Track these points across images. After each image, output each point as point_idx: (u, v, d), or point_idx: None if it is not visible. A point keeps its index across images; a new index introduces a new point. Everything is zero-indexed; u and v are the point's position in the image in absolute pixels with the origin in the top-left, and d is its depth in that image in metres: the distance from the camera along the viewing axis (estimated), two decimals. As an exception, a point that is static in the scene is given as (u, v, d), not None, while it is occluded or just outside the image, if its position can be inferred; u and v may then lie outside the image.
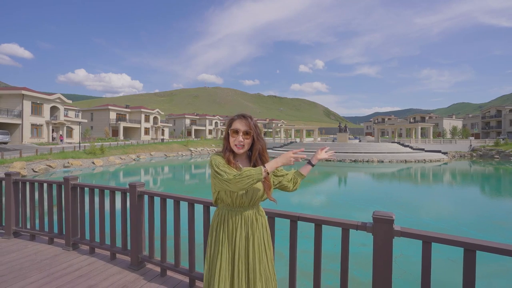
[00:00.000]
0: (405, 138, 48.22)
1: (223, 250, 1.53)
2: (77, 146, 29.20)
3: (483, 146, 41.33)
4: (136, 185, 2.88)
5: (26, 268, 2.91)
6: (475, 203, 12.61)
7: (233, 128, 1.52)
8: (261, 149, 1.57)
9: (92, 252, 3.30)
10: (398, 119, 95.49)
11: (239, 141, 1.51)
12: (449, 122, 72.41)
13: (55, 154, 22.75)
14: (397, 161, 30.55)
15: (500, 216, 10.32)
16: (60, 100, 37.72)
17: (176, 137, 64.88)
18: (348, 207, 10.89)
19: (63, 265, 2.98)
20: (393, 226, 1.67)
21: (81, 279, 2.68)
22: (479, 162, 32.15)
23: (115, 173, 20.55)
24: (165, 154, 35.87)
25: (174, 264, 2.68)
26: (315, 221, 1.94)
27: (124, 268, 2.92)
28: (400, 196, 13.87)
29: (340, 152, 34.98)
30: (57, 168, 20.20)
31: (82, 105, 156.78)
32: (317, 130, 54.30)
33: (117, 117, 51.96)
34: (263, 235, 1.59)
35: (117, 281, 2.65)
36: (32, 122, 33.25)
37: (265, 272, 1.55)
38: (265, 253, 1.58)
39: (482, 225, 8.81)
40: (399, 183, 19.02)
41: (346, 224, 1.83)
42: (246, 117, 1.54)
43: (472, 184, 18.74)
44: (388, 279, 1.69)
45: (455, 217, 9.86)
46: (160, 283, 2.62)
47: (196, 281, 2.58)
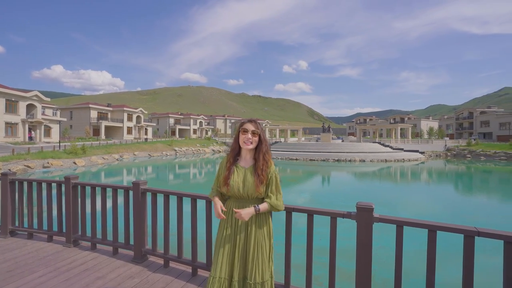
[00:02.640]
0: (385, 138, 50.20)
1: (226, 235, 1.81)
2: (57, 146, 28.14)
3: (456, 146, 43.80)
4: (139, 183, 3.08)
5: (31, 264, 3.03)
6: (449, 200, 13.55)
7: (244, 128, 1.82)
8: (266, 149, 1.84)
9: (94, 248, 3.45)
10: (379, 119, 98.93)
11: (247, 138, 1.79)
12: (426, 123, 76.03)
13: (34, 154, 21.86)
14: (378, 160, 31.82)
15: (470, 211, 11.22)
16: (38, 97, 36.11)
17: (160, 136, 63.79)
18: (331, 205, 11.40)
19: (67, 260, 3.12)
20: (372, 214, 2.00)
21: (88, 272, 2.84)
22: (453, 161, 34.11)
23: (98, 173, 20.09)
24: (149, 154, 35.30)
25: (177, 256, 2.91)
26: (307, 211, 2.25)
27: (127, 261, 3.10)
28: (380, 194, 14.61)
29: (323, 152, 35.92)
30: (36, 168, 19.47)
31: (59, 103, 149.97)
32: (301, 130, 55.32)
33: (98, 116, 50.38)
34: (263, 227, 1.81)
35: (123, 272, 2.84)
36: (6, 120, 31.64)
37: (263, 262, 1.75)
38: (263, 243, 1.79)
39: (455, 220, 9.57)
40: (379, 181, 19.93)
41: (334, 213, 2.15)
42: (255, 121, 1.86)
43: (446, 182, 19.99)
44: (369, 259, 2.02)
45: (430, 213, 10.61)
46: (164, 273, 2.84)
47: (198, 270, 2.82)
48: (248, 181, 1.78)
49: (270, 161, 1.84)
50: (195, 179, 19.90)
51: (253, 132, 1.80)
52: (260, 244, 1.78)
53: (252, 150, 1.85)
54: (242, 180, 1.80)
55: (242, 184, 1.79)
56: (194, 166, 28.12)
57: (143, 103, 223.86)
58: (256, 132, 1.81)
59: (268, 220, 1.87)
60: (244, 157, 1.88)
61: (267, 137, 48.25)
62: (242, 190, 1.79)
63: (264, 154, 1.82)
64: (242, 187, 1.78)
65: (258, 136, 1.82)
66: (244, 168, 1.84)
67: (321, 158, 33.17)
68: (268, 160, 1.83)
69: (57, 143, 31.77)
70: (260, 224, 1.81)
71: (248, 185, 1.78)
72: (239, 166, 1.86)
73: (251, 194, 1.79)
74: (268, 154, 1.84)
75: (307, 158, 33.28)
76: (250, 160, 1.87)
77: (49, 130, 39.23)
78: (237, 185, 1.79)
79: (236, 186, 1.79)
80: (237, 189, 1.79)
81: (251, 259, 1.75)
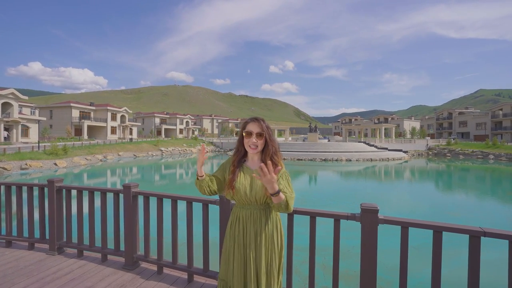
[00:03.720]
0: (370, 138, 51.39)
1: (235, 246, 1.66)
2: (36, 146, 26.85)
3: (437, 145, 45.51)
4: (130, 185, 2.92)
5: (10, 275, 2.79)
6: (431, 197, 14.02)
7: (247, 130, 1.65)
8: (274, 150, 1.67)
9: (81, 255, 3.24)
10: (364, 119, 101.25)
11: (252, 142, 1.62)
12: (409, 123, 78.53)
13: (10, 155, 20.75)
14: (363, 159, 32.51)
15: (451, 207, 11.65)
16: (14, 95, 34.35)
17: (145, 136, 62.34)
18: (321, 204, 11.49)
19: (51, 270, 2.91)
20: (377, 215, 1.96)
21: (75, 282, 2.66)
22: (434, 160, 35.40)
23: (80, 175, 19.33)
24: (134, 154, 34.40)
25: (171, 262, 2.77)
26: (310, 213, 2.19)
27: (118, 268, 2.93)
28: (366, 192, 14.89)
29: (310, 152, 36.29)
30: (13, 170, 18.49)
31: (38, 102, 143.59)
32: (288, 130, 55.70)
33: (80, 115, 48.55)
34: (273, 234, 1.64)
35: (114, 281, 2.68)
36: (-21, 119, 29.88)
37: (272, 277, 1.62)
38: (273, 252, 1.63)
39: (437, 216, 9.87)
40: (365, 180, 20.34)
41: (337, 215, 2.10)
42: (259, 120, 1.67)
43: (428, 180, 20.69)
44: (374, 261, 1.98)
45: (414, 209, 10.92)
46: (158, 280, 2.70)
47: (194, 276, 2.70)
48: (256, 184, 1.62)
49: (280, 162, 1.66)
50: (182, 180, 19.55)
51: (258, 135, 1.63)
52: (270, 256, 1.63)
53: (259, 152, 1.70)
54: (249, 183, 1.65)
55: (249, 187, 1.64)
56: (181, 167, 27.66)
57: (128, 102, 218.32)
58: (262, 134, 1.64)
59: (278, 226, 1.69)
60: (251, 159, 1.73)
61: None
62: (249, 194, 1.63)
63: (272, 156, 1.65)
64: (249, 190, 1.63)
65: (264, 138, 1.65)
66: (252, 170, 1.69)
67: (308, 157, 33.50)
68: (278, 162, 1.65)
69: (36, 143, 30.30)
70: (271, 232, 1.65)
71: (256, 188, 1.62)
72: (245, 167, 1.71)
73: (259, 198, 1.63)
74: (277, 156, 1.67)
75: (295, 158, 33.52)
76: (258, 161, 1.72)
77: (27, 130, 37.39)
78: (244, 188, 1.64)
79: (243, 189, 1.64)
80: (244, 192, 1.63)
81: (262, 274, 1.60)
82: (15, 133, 34.45)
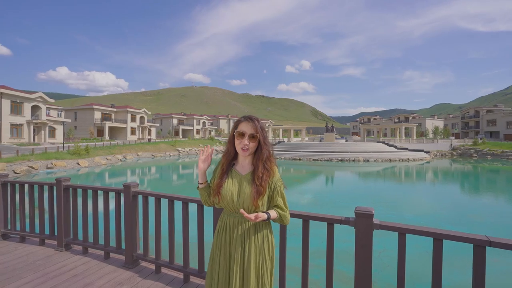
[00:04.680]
0: (389, 138, 49.67)
1: (220, 255, 1.54)
2: (61, 147, 28.33)
3: (462, 145, 43.15)
4: (130, 185, 2.96)
5: (19, 269, 2.93)
6: (454, 200, 13.26)
7: (239, 131, 1.50)
8: (268, 154, 1.53)
9: (86, 252, 3.34)
10: (383, 119, 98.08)
11: (244, 144, 1.48)
12: (431, 122, 75.13)
13: (38, 155, 22.01)
14: (382, 160, 31.46)
15: (476, 211, 10.94)
16: (42, 99, 36.45)
17: (163, 137, 63.98)
18: (334, 205, 11.22)
19: (57, 265, 3.02)
20: (372, 220, 1.85)
21: (76, 278, 2.73)
22: (459, 161, 33.58)
23: (101, 174, 20.13)
24: (152, 154, 35.37)
25: (168, 261, 2.79)
26: (303, 217, 2.10)
27: (118, 266, 2.99)
28: (384, 194, 14.36)
29: (327, 152, 35.64)
30: (40, 169, 19.58)
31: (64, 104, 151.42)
32: (304, 130, 55.06)
33: (102, 117, 50.69)
34: (263, 244, 1.53)
35: (113, 279, 2.73)
36: (11, 121, 31.98)
37: (262, 282, 1.50)
38: (264, 263, 1.52)
39: (460, 220, 9.32)
40: (383, 181, 19.65)
41: (331, 219, 2.00)
42: (253, 120, 1.52)
43: (452, 182, 19.63)
44: (368, 269, 1.87)
45: (435, 213, 10.36)
46: (156, 279, 2.72)
47: (190, 276, 2.70)
48: (244, 192, 1.49)
49: (273, 169, 1.53)
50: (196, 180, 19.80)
51: (251, 137, 1.49)
52: (261, 268, 1.50)
53: (251, 155, 1.56)
54: (237, 190, 1.51)
55: (236, 194, 1.51)
56: (198, 167, 28.07)
57: (147, 103, 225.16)
58: (255, 136, 1.49)
59: (269, 236, 1.56)
60: (242, 162, 1.59)
61: (270, 137, 47.55)
62: (236, 201, 1.50)
63: (264, 161, 1.51)
64: (236, 198, 1.50)
65: (257, 140, 1.51)
66: (241, 175, 1.55)
67: (325, 158, 32.92)
68: (270, 168, 1.52)
69: (61, 144, 31.99)
70: (261, 242, 1.52)
71: (243, 196, 1.49)
72: (234, 172, 1.57)
73: (246, 207, 1.49)
74: (270, 162, 1.53)
75: (311, 158, 33.06)
76: (248, 166, 1.57)
77: (54, 131, 39.57)
78: (231, 195, 1.50)
79: (230, 196, 1.50)
80: (231, 199, 1.50)
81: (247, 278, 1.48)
82: (43, 134, 36.56)
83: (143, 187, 16.24)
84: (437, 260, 1.72)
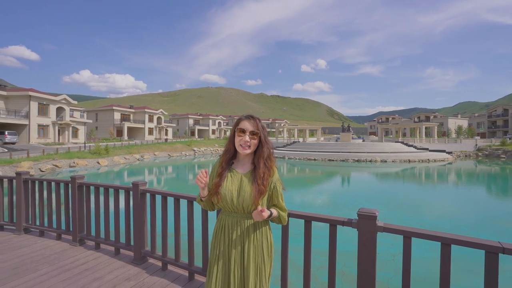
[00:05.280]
0: (409, 138, 47.92)
1: (219, 256, 1.53)
2: (83, 146, 29.63)
3: (489, 145, 40.85)
4: (139, 184, 3.04)
5: (36, 262, 3.08)
6: (478, 203, 12.58)
7: (240, 127, 1.50)
8: (268, 153, 1.53)
9: (98, 247, 3.46)
10: (402, 118, 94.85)
11: (245, 140, 1.47)
12: (454, 121, 71.69)
13: (61, 154, 23.14)
14: (400, 160, 30.42)
15: (502, 216, 10.31)
16: (66, 101, 38.26)
17: (179, 137, 65.29)
18: (349, 206, 10.96)
19: (70, 259, 3.15)
20: (376, 222, 1.78)
21: (87, 272, 2.84)
22: (485, 162, 31.83)
23: (119, 173, 20.85)
24: (169, 154, 36.19)
25: (174, 259, 2.83)
26: (304, 217, 2.06)
27: (127, 262, 3.07)
28: (401, 196, 13.88)
29: (343, 152, 34.93)
30: (63, 168, 20.56)
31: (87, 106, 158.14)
32: (320, 129, 54.27)
33: (121, 118, 52.49)
34: (262, 244, 1.52)
35: (121, 274, 2.81)
36: (38, 122, 33.80)
37: (260, 283, 1.50)
38: (263, 263, 1.51)
39: (483, 225, 8.83)
40: (401, 183, 18.99)
41: (333, 220, 1.95)
42: (254, 118, 1.53)
43: (476, 184, 18.63)
44: (372, 272, 1.80)
45: (456, 217, 9.88)
46: (162, 276, 2.77)
47: (195, 274, 2.72)
48: (244, 191, 1.48)
49: (273, 168, 1.53)
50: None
51: (252, 133, 1.48)
52: (259, 269, 1.50)
53: (250, 153, 1.55)
54: (237, 189, 1.49)
55: (236, 193, 1.48)
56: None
57: (164, 104, 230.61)
58: (255, 133, 1.49)
59: (268, 236, 1.56)
60: (241, 161, 1.58)
61: (285, 137, 47.17)
62: (236, 201, 1.48)
63: (265, 160, 1.50)
64: (236, 197, 1.48)
65: (258, 138, 1.51)
66: (241, 174, 1.53)
67: (340, 158, 32.28)
68: (271, 167, 1.51)
69: (83, 143, 33.45)
70: (260, 242, 1.51)
71: (244, 195, 1.47)
72: (234, 171, 1.55)
73: (247, 207, 1.47)
74: (270, 160, 1.52)
75: (326, 158, 32.54)
76: (248, 164, 1.56)
77: (76, 132, 41.43)
78: (230, 194, 1.48)
79: (229, 195, 1.48)
80: (230, 199, 1.48)
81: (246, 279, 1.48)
82: (66, 134, 38.41)
83: (160, 185, 16.66)
84: (445, 266, 1.63)
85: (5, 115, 30.62)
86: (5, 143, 29.14)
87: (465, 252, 1.73)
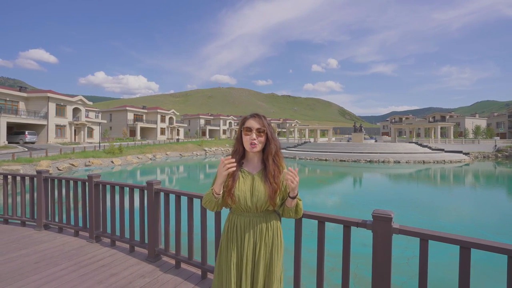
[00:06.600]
0: (423, 138, 46.67)
1: (232, 258, 1.51)
2: (97, 146, 30.47)
3: (509, 146, 39.29)
4: (153, 183, 3.10)
5: (56, 257, 3.20)
6: (497, 206, 12.12)
7: (246, 126, 1.51)
8: (276, 149, 1.53)
9: (113, 244, 3.56)
10: (416, 118, 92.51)
11: (252, 138, 1.48)
12: (471, 121, 69.27)
13: (77, 153, 23.88)
14: (414, 161, 29.68)
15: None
16: (82, 102, 39.45)
17: (191, 137, 66.09)
18: (361, 208, 10.79)
19: (88, 255, 3.25)
20: (391, 224, 1.75)
21: (104, 268, 2.92)
22: (505, 164, 30.63)
23: (132, 172, 21.32)
24: (180, 154, 36.69)
25: (187, 257, 2.87)
26: (318, 218, 2.05)
27: (142, 260, 3.14)
28: (415, 198, 13.54)
29: (354, 152, 34.42)
30: (79, 166, 21.22)
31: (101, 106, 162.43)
32: (331, 129, 53.65)
33: (134, 118, 53.64)
34: (272, 245, 1.52)
35: (136, 271, 2.88)
36: (56, 123, 35.02)
37: (270, 282, 1.50)
38: (274, 263, 1.51)
39: (503, 229, 8.50)
40: (415, 184, 18.53)
41: (347, 222, 1.93)
42: (260, 116, 1.53)
43: (496, 186, 17.95)
44: (387, 275, 1.77)
45: (473, 220, 9.56)
46: (175, 274, 2.82)
47: (207, 273, 2.75)
48: (257, 190, 1.48)
49: (282, 164, 1.55)
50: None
51: (258, 131, 1.49)
52: (271, 268, 1.51)
53: (259, 152, 1.55)
54: (250, 189, 1.50)
55: (249, 193, 1.49)
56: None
57: (176, 105, 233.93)
58: (262, 130, 1.49)
59: (279, 236, 1.57)
60: (251, 160, 1.58)
61: (296, 137, 46.90)
62: (250, 202, 1.48)
63: (274, 156, 1.52)
64: (250, 198, 1.48)
65: (265, 135, 1.52)
66: (252, 174, 1.53)
67: (352, 158, 31.82)
68: (280, 164, 1.54)
69: (98, 143, 34.38)
70: (271, 242, 1.52)
71: (258, 195, 1.47)
72: (244, 171, 1.54)
73: (260, 206, 1.49)
74: (278, 157, 1.54)
75: (337, 159, 32.16)
76: (258, 164, 1.56)
77: (92, 132, 42.66)
78: (244, 195, 1.48)
79: (243, 196, 1.48)
80: (244, 200, 1.48)
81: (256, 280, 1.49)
82: (82, 134, 39.62)
83: (172, 184, 16.92)
84: (464, 271, 1.58)
85: (25, 115, 31.91)
86: (25, 143, 30.36)
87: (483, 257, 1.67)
